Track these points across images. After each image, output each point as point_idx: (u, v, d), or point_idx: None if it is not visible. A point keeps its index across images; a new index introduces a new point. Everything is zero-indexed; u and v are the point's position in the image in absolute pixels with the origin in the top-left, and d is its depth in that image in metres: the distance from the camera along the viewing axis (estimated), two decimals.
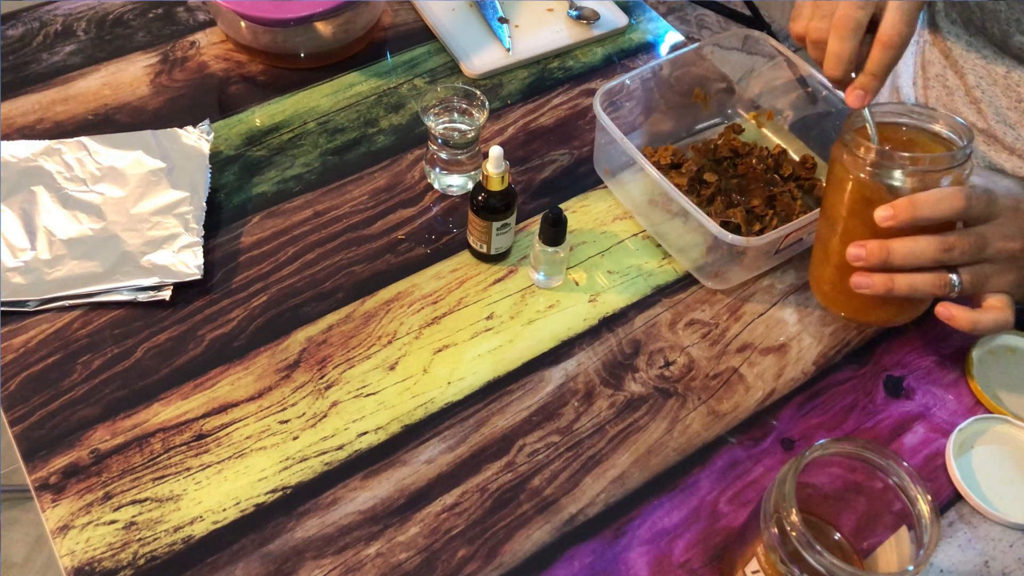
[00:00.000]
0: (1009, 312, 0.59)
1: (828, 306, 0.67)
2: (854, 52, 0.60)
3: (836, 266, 0.63)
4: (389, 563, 0.60)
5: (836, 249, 0.62)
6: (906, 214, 0.57)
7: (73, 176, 0.78)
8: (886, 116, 0.63)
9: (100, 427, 0.65)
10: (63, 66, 0.89)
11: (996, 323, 0.59)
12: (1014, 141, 0.72)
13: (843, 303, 0.65)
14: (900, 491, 0.52)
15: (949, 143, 0.61)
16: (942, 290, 0.59)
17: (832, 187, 0.63)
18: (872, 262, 0.59)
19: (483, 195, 0.71)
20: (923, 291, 0.59)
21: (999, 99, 0.71)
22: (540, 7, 0.98)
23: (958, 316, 0.59)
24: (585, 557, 0.61)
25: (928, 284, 0.58)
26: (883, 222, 0.57)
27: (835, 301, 0.66)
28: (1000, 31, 0.69)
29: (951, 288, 0.59)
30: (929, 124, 0.62)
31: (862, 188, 0.60)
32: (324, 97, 0.88)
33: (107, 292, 0.71)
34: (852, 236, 0.61)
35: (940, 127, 0.61)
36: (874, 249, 0.58)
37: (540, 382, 0.70)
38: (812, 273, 0.68)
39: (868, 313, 0.65)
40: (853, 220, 0.61)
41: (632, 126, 0.84)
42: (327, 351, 0.70)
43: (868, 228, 0.59)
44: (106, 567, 0.59)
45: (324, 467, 0.64)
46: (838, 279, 0.63)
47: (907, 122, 0.62)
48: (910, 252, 0.58)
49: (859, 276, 0.60)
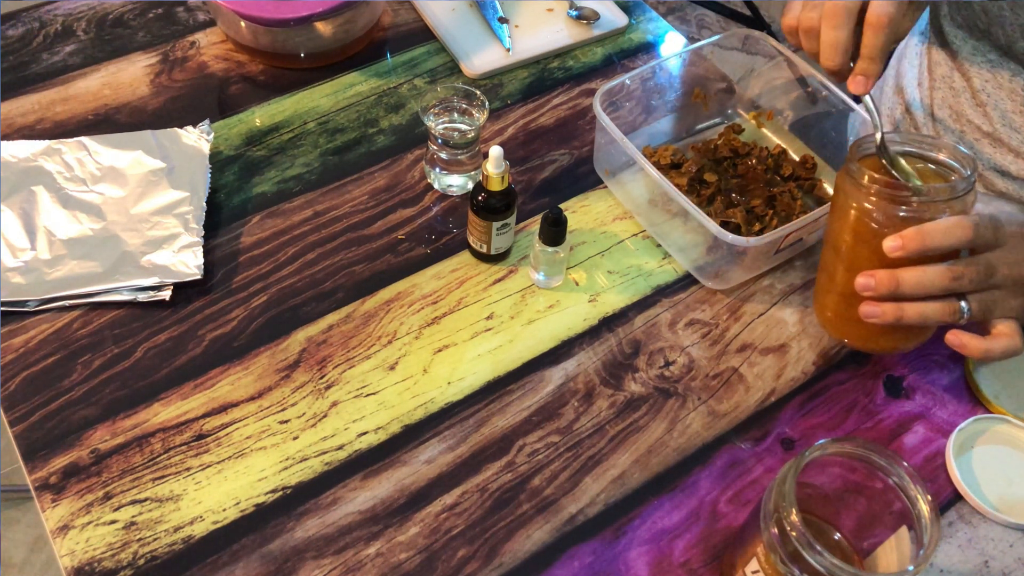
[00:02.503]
0: (1018, 338, 0.59)
1: (833, 333, 0.67)
2: (849, 40, 0.60)
3: (841, 294, 0.63)
4: (389, 563, 0.60)
5: (841, 278, 0.62)
6: (915, 244, 0.56)
7: (73, 176, 0.78)
8: (893, 146, 0.62)
9: (100, 427, 0.65)
10: (63, 66, 0.89)
11: (1006, 350, 0.59)
12: (1020, 144, 0.72)
13: (848, 331, 0.65)
14: (900, 491, 0.52)
15: (953, 172, 0.60)
16: (951, 317, 0.59)
17: (836, 215, 0.62)
18: (881, 292, 0.58)
19: (483, 195, 0.71)
20: (932, 319, 0.59)
21: (1005, 102, 0.71)
22: (540, 7, 0.98)
23: (969, 344, 0.59)
24: (585, 557, 0.61)
25: (937, 312, 0.58)
26: (892, 252, 0.57)
27: (840, 329, 0.65)
28: (1006, 36, 0.69)
29: (960, 316, 0.59)
30: (933, 153, 0.62)
31: (866, 217, 0.59)
32: (324, 97, 0.88)
33: (107, 292, 0.71)
34: (857, 265, 0.60)
35: (944, 156, 0.61)
36: (883, 279, 0.58)
37: (540, 382, 0.70)
38: (816, 300, 0.67)
39: (874, 341, 0.64)
40: (859, 248, 0.60)
41: (632, 126, 0.84)
42: (327, 351, 0.70)
43: (874, 256, 0.59)
44: (106, 567, 0.59)
45: (324, 467, 0.64)
46: (844, 307, 0.63)
47: (910, 151, 0.62)
48: (919, 282, 0.57)
49: (868, 305, 0.60)
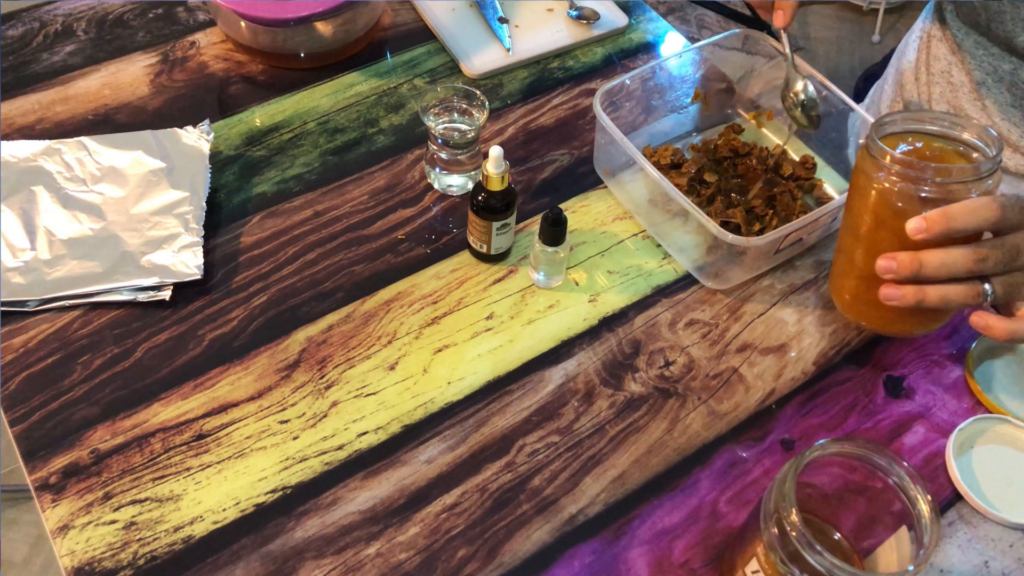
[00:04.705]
0: None
1: (850, 316, 0.66)
2: None
3: (860, 277, 0.62)
4: (389, 563, 0.60)
5: (861, 260, 0.61)
6: (940, 227, 0.55)
7: (73, 176, 0.78)
8: (912, 124, 0.61)
9: (100, 427, 0.65)
10: (63, 66, 0.89)
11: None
12: (1019, 139, 0.72)
13: (866, 314, 0.64)
14: (900, 491, 0.52)
15: (977, 151, 0.59)
16: (975, 300, 0.57)
17: (856, 196, 0.61)
18: (904, 275, 0.57)
19: (483, 195, 0.71)
20: (955, 302, 0.57)
21: (1004, 95, 0.71)
22: (540, 7, 0.97)
23: (995, 326, 0.58)
24: (585, 557, 0.61)
25: (960, 295, 0.57)
26: (915, 234, 0.55)
27: (858, 312, 0.65)
28: (1005, 31, 0.69)
29: (984, 298, 0.57)
30: (957, 132, 0.60)
31: (888, 198, 0.58)
32: (324, 97, 0.88)
33: (107, 292, 0.71)
34: (878, 247, 0.59)
35: (969, 135, 0.59)
36: (905, 262, 0.57)
37: (540, 382, 0.70)
38: (833, 283, 0.66)
39: (892, 324, 0.64)
40: (879, 231, 0.59)
41: (632, 126, 0.84)
42: (327, 351, 0.70)
43: (895, 238, 0.58)
44: (106, 567, 0.59)
45: (324, 467, 0.64)
46: (863, 290, 0.62)
47: (934, 130, 0.60)
48: (943, 264, 0.56)
49: (889, 288, 0.58)
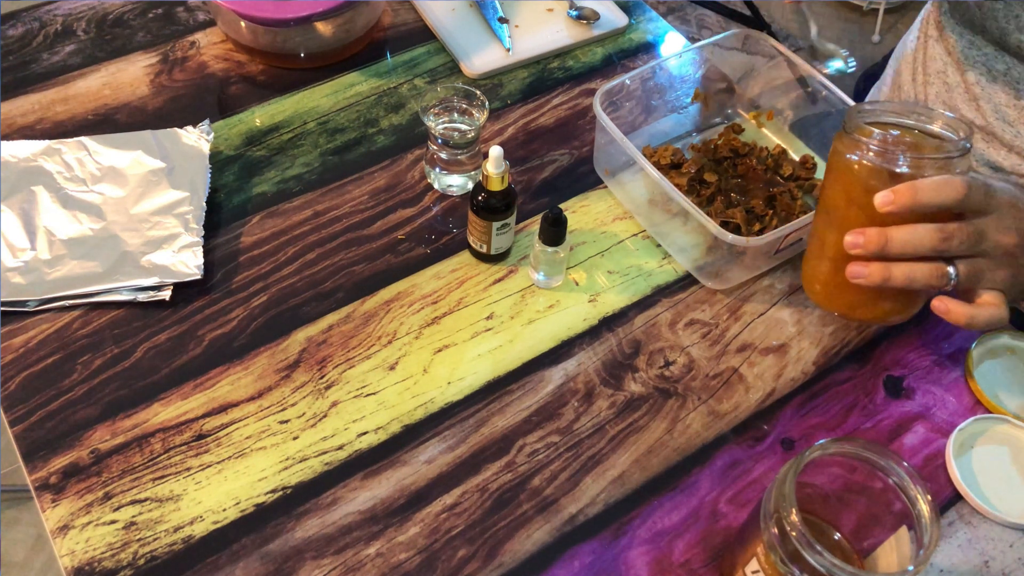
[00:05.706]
0: (1004, 309, 0.59)
1: (821, 303, 0.67)
2: None
3: (832, 259, 0.63)
4: (389, 563, 0.60)
5: (833, 242, 0.62)
6: (906, 199, 0.56)
7: (73, 176, 0.78)
8: (888, 116, 0.63)
9: (100, 427, 0.65)
10: (63, 66, 0.89)
11: (991, 319, 0.59)
12: (1013, 138, 0.72)
13: (837, 299, 0.65)
14: (900, 491, 0.52)
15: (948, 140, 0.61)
16: (939, 281, 0.58)
17: (831, 178, 0.63)
18: (871, 249, 0.58)
19: (483, 195, 0.71)
20: (919, 282, 0.58)
21: (998, 95, 0.72)
22: (540, 7, 0.98)
23: (954, 310, 0.59)
24: (585, 557, 0.61)
25: (925, 274, 0.58)
26: (883, 207, 0.57)
27: (828, 298, 0.65)
28: (999, 29, 0.69)
29: (947, 280, 0.58)
30: (929, 124, 0.62)
31: (862, 175, 0.59)
32: (324, 97, 0.88)
33: (107, 292, 0.71)
34: (848, 226, 0.60)
35: (938, 126, 0.61)
36: (872, 236, 0.58)
37: (540, 382, 0.70)
38: (805, 272, 0.67)
39: (862, 309, 0.64)
40: (852, 209, 0.61)
41: (632, 126, 0.84)
42: (327, 351, 0.70)
43: (867, 217, 0.59)
44: (106, 567, 0.59)
45: (324, 467, 0.64)
46: (833, 273, 0.63)
47: (909, 123, 0.62)
48: (908, 240, 0.57)
49: (856, 265, 0.59)
